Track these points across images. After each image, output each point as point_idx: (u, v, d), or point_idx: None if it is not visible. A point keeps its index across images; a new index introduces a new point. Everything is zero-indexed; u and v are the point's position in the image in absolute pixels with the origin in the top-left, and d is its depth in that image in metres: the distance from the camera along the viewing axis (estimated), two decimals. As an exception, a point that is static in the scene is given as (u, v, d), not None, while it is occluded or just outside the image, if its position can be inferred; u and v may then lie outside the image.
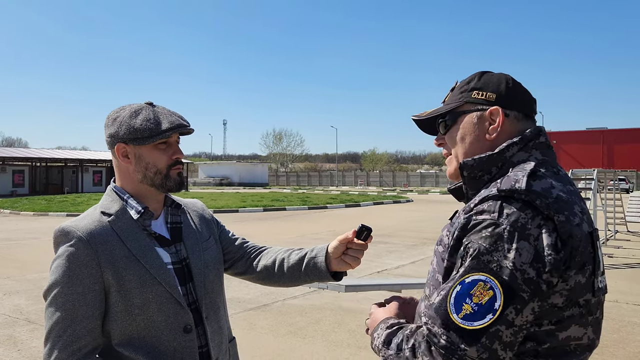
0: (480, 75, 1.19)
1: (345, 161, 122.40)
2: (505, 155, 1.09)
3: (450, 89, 1.24)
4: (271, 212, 21.81)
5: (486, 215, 0.97)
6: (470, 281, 0.95)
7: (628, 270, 8.84)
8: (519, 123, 1.14)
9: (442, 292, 0.99)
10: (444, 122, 1.21)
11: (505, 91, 1.14)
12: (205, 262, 1.51)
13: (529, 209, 0.95)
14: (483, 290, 0.93)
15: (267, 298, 6.71)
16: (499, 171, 1.09)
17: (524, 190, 0.97)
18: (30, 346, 4.96)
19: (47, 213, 20.71)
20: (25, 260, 9.77)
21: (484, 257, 0.95)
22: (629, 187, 40.70)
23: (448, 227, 1.10)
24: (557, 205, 0.97)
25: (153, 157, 1.42)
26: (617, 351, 4.78)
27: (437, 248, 1.12)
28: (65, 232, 1.35)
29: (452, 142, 1.20)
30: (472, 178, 1.12)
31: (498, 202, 0.97)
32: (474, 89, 1.17)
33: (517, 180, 1.00)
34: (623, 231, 14.25)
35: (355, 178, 69.97)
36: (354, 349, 4.87)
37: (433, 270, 1.12)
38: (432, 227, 15.27)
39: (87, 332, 1.30)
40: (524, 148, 1.09)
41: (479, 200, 1.01)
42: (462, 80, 1.22)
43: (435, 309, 0.98)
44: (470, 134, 1.16)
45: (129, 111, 1.42)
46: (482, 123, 1.15)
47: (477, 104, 1.16)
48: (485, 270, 0.94)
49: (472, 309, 0.93)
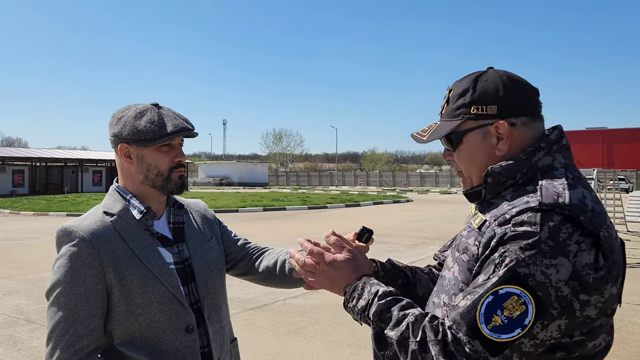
0: (474, 83, 1.11)
1: (345, 161, 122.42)
2: (531, 160, 1.06)
3: (445, 100, 1.17)
4: (271, 211, 21.81)
5: (527, 227, 0.94)
6: (504, 293, 0.91)
7: (628, 270, 8.82)
8: (528, 128, 1.09)
9: (470, 297, 0.94)
10: (446, 139, 1.16)
11: (506, 99, 1.08)
12: (207, 262, 1.51)
13: (569, 223, 0.93)
14: (516, 304, 0.91)
15: (267, 298, 6.71)
16: (523, 177, 1.06)
17: (567, 205, 0.94)
18: (31, 346, 4.96)
19: (47, 213, 20.70)
20: (25, 260, 9.77)
21: (520, 269, 0.91)
22: (629, 186, 40.72)
23: (475, 236, 1.05)
24: (597, 219, 0.95)
25: (155, 159, 1.41)
26: (617, 351, 4.78)
27: (460, 256, 1.08)
28: (68, 232, 1.35)
29: (463, 163, 1.16)
30: (495, 184, 1.08)
31: (539, 214, 0.94)
32: (472, 103, 1.09)
33: (559, 193, 0.97)
34: (623, 231, 14.25)
35: (355, 178, 70.00)
36: (355, 349, 4.87)
37: (455, 279, 1.08)
38: (432, 227, 15.27)
39: (89, 331, 1.30)
40: (549, 152, 1.07)
41: (517, 212, 0.97)
42: (454, 89, 1.14)
43: (462, 315, 0.94)
44: (479, 153, 1.11)
45: (134, 112, 1.42)
46: (488, 139, 1.10)
47: (479, 119, 1.09)
48: (521, 284, 0.91)
49: (502, 321, 0.91)
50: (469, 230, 1.09)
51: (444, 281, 1.13)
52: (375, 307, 1.05)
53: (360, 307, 1.08)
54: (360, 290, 1.11)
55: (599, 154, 56.36)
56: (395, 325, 1.00)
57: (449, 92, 1.16)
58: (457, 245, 1.12)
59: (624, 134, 57.39)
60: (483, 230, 1.03)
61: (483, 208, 1.11)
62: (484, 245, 1.00)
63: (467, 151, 1.13)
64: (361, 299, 1.09)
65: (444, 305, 1.10)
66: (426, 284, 1.34)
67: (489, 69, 1.14)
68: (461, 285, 1.05)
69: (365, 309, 1.07)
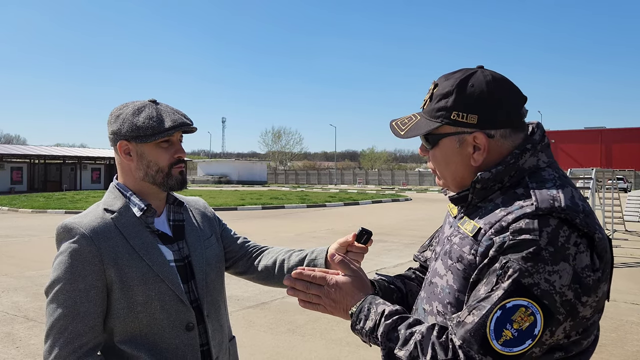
0: (459, 87, 1.07)
1: (344, 159, 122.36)
2: (519, 163, 1.05)
3: (428, 95, 1.13)
4: (270, 210, 21.80)
5: (526, 235, 0.93)
6: (511, 306, 0.90)
7: (626, 269, 8.85)
8: (507, 140, 1.07)
9: (477, 312, 0.93)
10: (424, 136, 1.14)
11: (487, 110, 1.05)
12: (207, 260, 1.51)
13: (565, 226, 0.93)
14: (524, 316, 0.90)
15: (266, 296, 6.71)
16: (510, 179, 1.05)
17: (564, 208, 0.94)
18: (29, 343, 4.96)
19: (46, 210, 20.67)
20: (24, 258, 9.75)
21: (525, 280, 0.90)
22: (627, 186, 40.78)
23: (471, 244, 1.03)
24: (590, 219, 0.95)
25: (155, 156, 1.41)
26: (615, 350, 4.79)
27: (454, 264, 1.06)
28: (69, 229, 1.34)
29: (437, 164, 1.15)
30: (483, 189, 1.07)
31: (535, 221, 0.94)
32: (453, 109, 1.06)
33: (554, 197, 0.96)
34: (621, 230, 14.28)
35: (354, 176, 69.96)
36: (353, 347, 4.87)
37: (449, 287, 1.06)
38: (430, 226, 15.27)
39: (89, 329, 1.30)
40: (533, 152, 1.07)
41: (513, 219, 0.96)
42: (439, 86, 1.11)
43: (471, 332, 0.92)
44: (453, 160, 1.10)
45: (132, 108, 1.41)
46: (465, 148, 1.08)
47: (458, 126, 1.07)
48: (528, 295, 0.90)
49: (512, 334, 0.90)
50: (461, 238, 1.07)
51: (436, 289, 1.11)
52: (382, 327, 1.03)
53: (368, 329, 1.06)
54: (366, 311, 1.08)
55: (597, 153, 56.43)
56: (404, 344, 0.99)
57: (434, 87, 1.12)
58: (449, 252, 1.09)
59: (623, 134, 57.45)
60: (479, 239, 1.01)
61: (470, 211, 1.10)
62: (482, 255, 0.99)
63: (442, 155, 1.12)
64: (368, 319, 1.07)
65: (437, 314, 1.09)
66: (416, 292, 1.34)
67: (478, 69, 1.10)
68: (457, 294, 1.04)
69: (374, 330, 1.05)
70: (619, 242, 12.20)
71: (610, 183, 14.03)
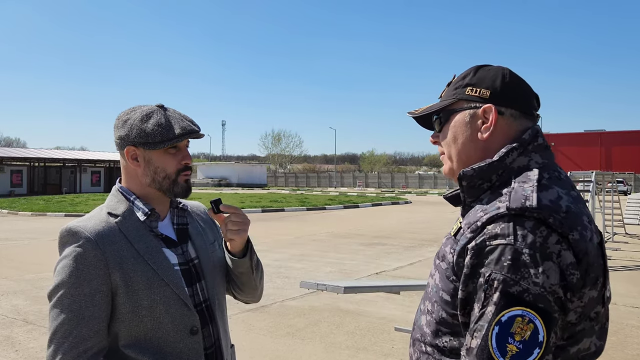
0: (476, 69, 1.13)
1: (344, 162, 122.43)
2: (505, 162, 1.04)
3: (447, 84, 1.19)
4: (270, 213, 21.79)
5: (501, 239, 0.91)
6: (506, 319, 0.88)
7: (626, 272, 8.85)
8: (515, 122, 1.09)
9: (478, 334, 0.91)
10: (438, 119, 1.17)
11: (501, 87, 1.09)
12: (213, 263, 1.51)
13: (542, 226, 0.91)
14: (523, 325, 0.87)
15: (265, 299, 6.70)
16: (499, 178, 1.05)
17: (535, 207, 0.92)
18: (28, 347, 4.95)
19: (45, 213, 20.65)
20: (23, 261, 9.74)
21: (512, 288, 0.88)
22: (627, 189, 40.76)
23: (452, 244, 1.04)
24: (569, 220, 0.93)
25: (163, 162, 1.41)
26: (615, 354, 4.79)
27: (440, 263, 1.07)
28: (73, 232, 1.34)
29: (445, 142, 1.16)
30: (471, 187, 1.07)
31: (510, 224, 0.92)
32: (468, 85, 1.11)
33: (526, 196, 0.95)
34: (621, 233, 14.28)
35: (354, 179, 69.94)
36: (353, 351, 4.87)
37: (436, 286, 1.07)
38: (430, 229, 15.27)
39: (93, 333, 1.29)
40: (523, 152, 1.05)
41: (487, 219, 0.96)
42: (457, 76, 1.17)
43: (477, 356, 0.90)
44: (462, 133, 1.12)
45: (140, 114, 1.41)
46: (474, 122, 1.10)
47: (471, 101, 1.11)
48: (520, 304, 0.88)
49: (517, 348, 0.87)
50: (447, 237, 1.09)
51: (428, 288, 1.13)
52: None
53: None
54: None
55: (597, 156, 56.42)
56: None
57: (454, 77, 1.19)
58: (438, 252, 1.11)
59: (623, 137, 57.46)
60: (458, 238, 1.02)
61: (464, 212, 1.10)
62: (458, 254, 0.99)
63: (452, 130, 1.14)
64: None
65: (427, 312, 1.10)
66: None
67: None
68: (441, 292, 1.04)
69: None
70: (618, 245, 12.20)
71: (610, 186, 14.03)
